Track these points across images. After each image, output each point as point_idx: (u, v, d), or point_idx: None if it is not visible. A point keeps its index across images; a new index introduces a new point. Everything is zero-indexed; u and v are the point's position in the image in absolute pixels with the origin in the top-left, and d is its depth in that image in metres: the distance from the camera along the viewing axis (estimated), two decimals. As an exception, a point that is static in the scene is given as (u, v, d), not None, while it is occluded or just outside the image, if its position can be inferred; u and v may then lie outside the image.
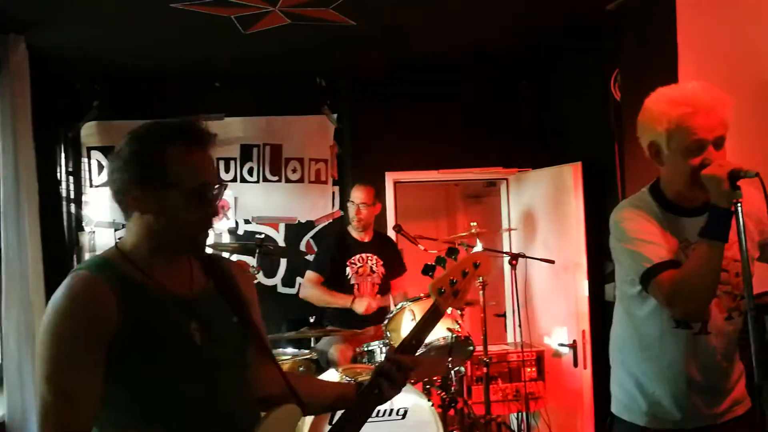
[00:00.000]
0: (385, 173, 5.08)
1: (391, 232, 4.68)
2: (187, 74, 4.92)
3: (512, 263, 4.42)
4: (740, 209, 1.72)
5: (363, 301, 4.11)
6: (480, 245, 4.16)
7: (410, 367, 1.65)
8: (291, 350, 3.97)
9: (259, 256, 4.03)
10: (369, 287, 4.29)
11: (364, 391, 1.64)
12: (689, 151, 1.84)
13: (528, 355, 4.55)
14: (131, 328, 1.39)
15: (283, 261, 5.04)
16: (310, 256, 4.87)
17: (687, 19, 3.12)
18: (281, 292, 5.02)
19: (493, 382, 4.40)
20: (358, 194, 4.32)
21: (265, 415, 1.54)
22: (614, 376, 2.11)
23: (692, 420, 1.95)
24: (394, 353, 1.68)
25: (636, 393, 2.00)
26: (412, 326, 3.57)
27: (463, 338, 3.60)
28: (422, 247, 4.23)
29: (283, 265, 5.04)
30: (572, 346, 4.45)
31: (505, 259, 4.75)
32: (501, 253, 4.69)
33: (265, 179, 5.06)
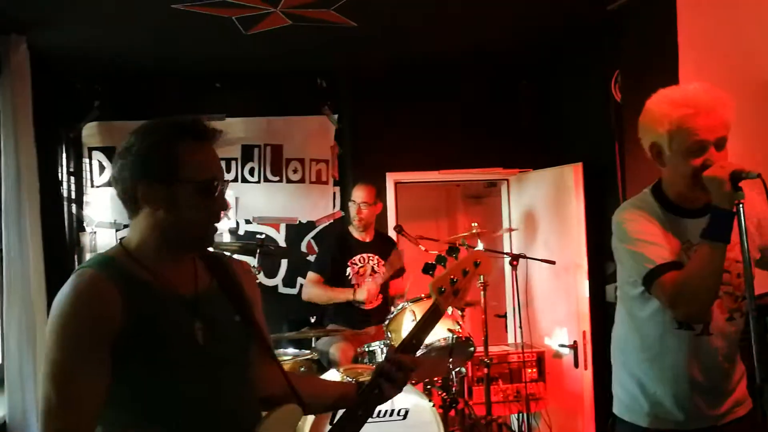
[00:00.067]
0: (386, 174, 5.08)
1: (392, 233, 4.67)
2: (189, 75, 4.92)
3: (513, 264, 4.43)
4: (742, 210, 1.72)
5: (363, 290, 4.11)
6: (481, 246, 4.16)
7: (411, 366, 1.64)
8: (292, 350, 3.98)
9: (260, 257, 4.04)
10: (369, 279, 4.28)
11: (365, 391, 1.64)
12: (691, 152, 1.84)
13: (529, 356, 4.55)
14: (135, 327, 1.38)
15: (284, 261, 5.04)
16: (311, 257, 4.88)
17: (687, 19, 3.12)
18: (282, 292, 5.02)
19: (494, 383, 4.40)
20: (359, 193, 4.32)
21: (266, 414, 1.54)
22: (616, 376, 2.11)
23: (694, 421, 1.95)
24: (394, 353, 1.67)
25: (638, 394, 2.00)
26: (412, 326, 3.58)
27: (464, 339, 3.60)
28: (423, 248, 4.23)
29: (284, 265, 5.04)
30: (573, 346, 4.45)
31: (506, 260, 4.75)
32: (502, 254, 4.69)
33: (266, 179, 5.06)
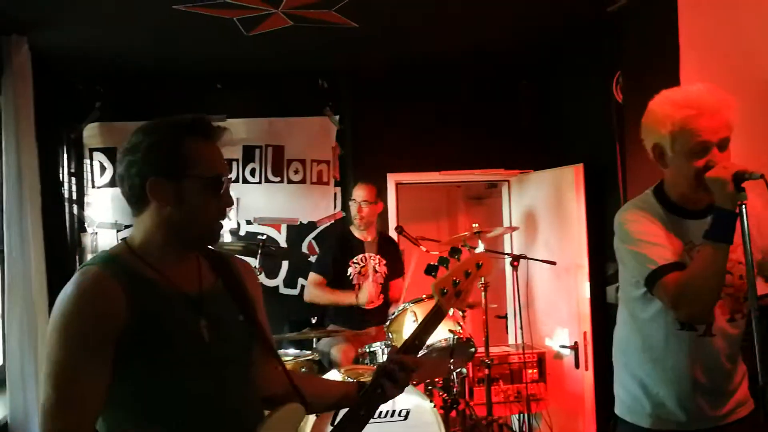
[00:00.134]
0: (387, 174, 5.08)
1: (393, 234, 4.67)
2: (190, 76, 4.92)
3: (514, 265, 4.43)
4: (745, 211, 1.72)
5: (365, 291, 4.11)
6: (482, 246, 4.16)
7: (413, 367, 1.65)
8: (293, 351, 3.98)
9: (261, 257, 4.04)
10: (371, 287, 4.28)
11: (367, 391, 1.64)
12: (693, 153, 1.84)
13: (529, 357, 4.55)
14: (140, 325, 1.38)
15: (285, 262, 5.04)
16: (312, 257, 4.88)
17: (688, 20, 3.11)
18: (283, 293, 5.02)
19: (495, 384, 4.41)
20: (359, 192, 4.32)
21: (269, 414, 1.54)
22: (618, 377, 2.11)
23: (696, 422, 1.96)
24: (397, 353, 1.68)
25: (640, 395, 2.00)
26: (414, 327, 3.58)
27: (465, 340, 3.60)
28: (424, 249, 4.23)
29: (285, 266, 5.05)
30: (574, 347, 4.45)
31: (507, 261, 4.75)
32: (503, 255, 4.69)
33: (267, 180, 5.06)
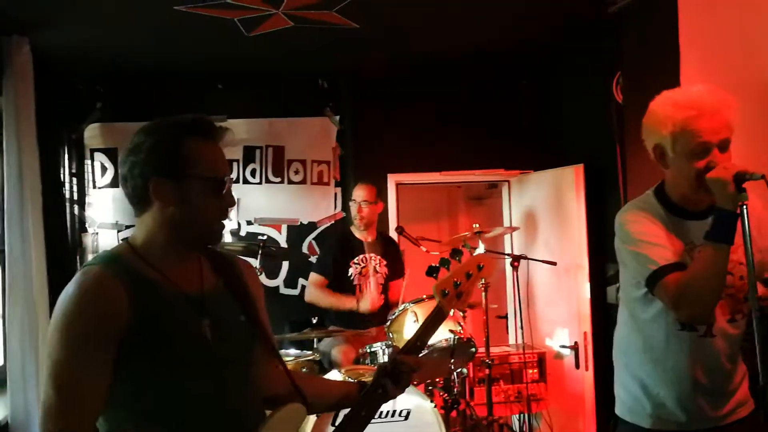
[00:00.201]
0: (388, 175, 5.08)
1: (393, 234, 4.68)
2: (190, 76, 4.92)
3: (514, 265, 4.43)
4: (746, 212, 1.72)
5: (367, 299, 4.11)
6: (482, 247, 4.16)
7: (414, 367, 1.65)
8: (294, 351, 3.97)
9: (261, 258, 4.03)
10: (372, 287, 4.28)
11: (368, 391, 1.65)
12: (694, 154, 1.84)
13: (530, 357, 4.55)
14: (142, 325, 1.38)
15: (286, 262, 5.04)
16: (312, 258, 4.88)
17: (689, 20, 3.11)
18: (283, 293, 5.03)
19: (495, 384, 4.41)
20: (359, 192, 4.32)
21: (270, 414, 1.54)
22: (618, 378, 2.11)
23: (696, 422, 1.96)
24: (398, 354, 1.69)
25: (640, 395, 2.01)
26: (415, 327, 3.58)
27: (466, 340, 3.60)
28: (424, 249, 4.23)
29: (286, 266, 5.05)
30: (574, 347, 4.46)
31: (507, 261, 4.75)
32: (503, 255, 4.69)
33: (268, 181, 5.07)
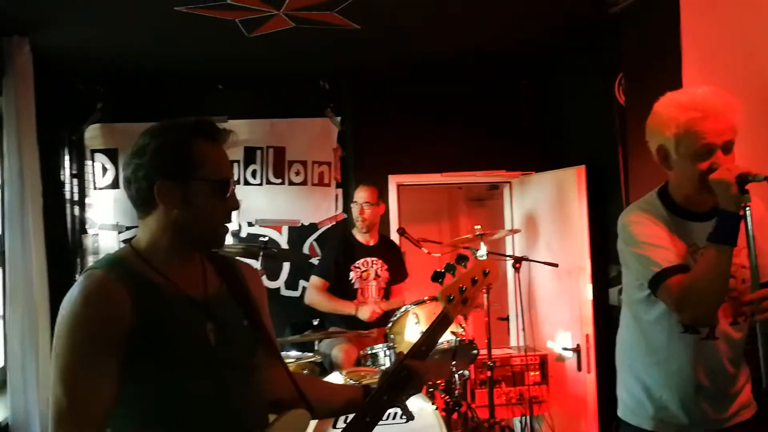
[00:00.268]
0: (389, 176, 5.08)
1: (394, 235, 4.67)
2: (191, 77, 4.91)
3: (516, 267, 4.42)
4: (749, 213, 1.71)
5: (367, 309, 4.09)
6: (484, 248, 4.15)
7: (420, 373, 1.65)
8: (295, 353, 3.96)
9: (262, 259, 4.02)
10: (373, 291, 4.28)
11: (373, 397, 1.64)
12: (697, 156, 1.84)
13: (531, 359, 4.54)
14: (146, 328, 1.38)
15: (287, 264, 5.04)
16: (313, 259, 4.87)
17: (691, 21, 3.10)
18: (284, 294, 5.02)
19: (497, 386, 4.39)
20: (361, 194, 4.32)
21: (275, 419, 1.54)
22: (621, 380, 2.11)
23: (699, 424, 1.96)
24: (404, 359, 1.68)
25: (643, 397, 2.00)
26: (416, 329, 3.57)
27: (467, 342, 3.60)
28: (426, 251, 4.23)
29: (287, 267, 5.04)
30: (576, 350, 4.45)
31: (509, 263, 4.74)
32: (504, 257, 4.68)
33: (269, 182, 5.06)
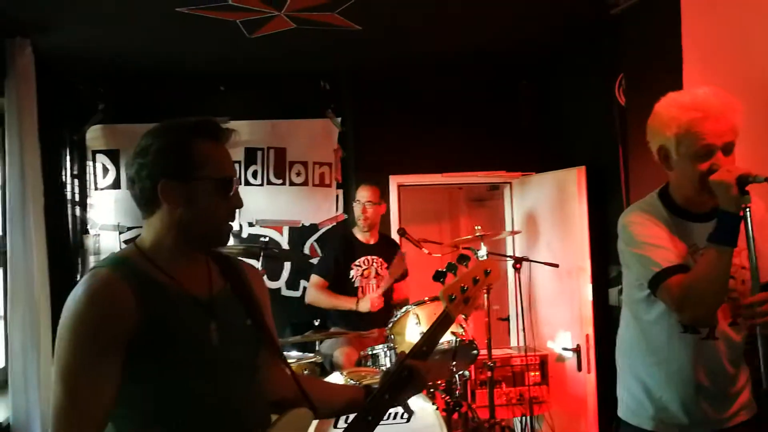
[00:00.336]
0: (389, 177, 5.09)
1: (395, 236, 4.67)
2: (193, 77, 4.92)
3: (516, 267, 4.42)
4: (749, 214, 1.72)
5: (366, 300, 4.12)
6: (484, 249, 4.16)
7: (422, 373, 1.65)
8: (296, 353, 3.97)
9: (263, 259, 4.02)
10: (373, 290, 4.29)
11: (375, 397, 1.64)
12: (698, 156, 1.84)
13: (532, 359, 4.54)
14: (149, 327, 1.38)
15: (287, 264, 5.04)
16: (314, 260, 4.87)
17: (691, 22, 3.10)
18: (285, 295, 5.02)
19: (497, 386, 4.40)
20: (363, 193, 4.33)
21: (277, 418, 1.54)
22: (621, 380, 2.11)
23: (699, 425, 1.96)
24: (405, 359, 1.68)
25: (643, 397, 2.01)
26: (417, 330, 3.58)
27: (468, 342, 3.60)
28: (426, 251, 4.23)
29: (287, 268, 5.05)
30: (576, 350, 4.45)
31: (509, 263, 4.74)
32: (505, 257, 4.69)
33: (269, 182, 5.07)
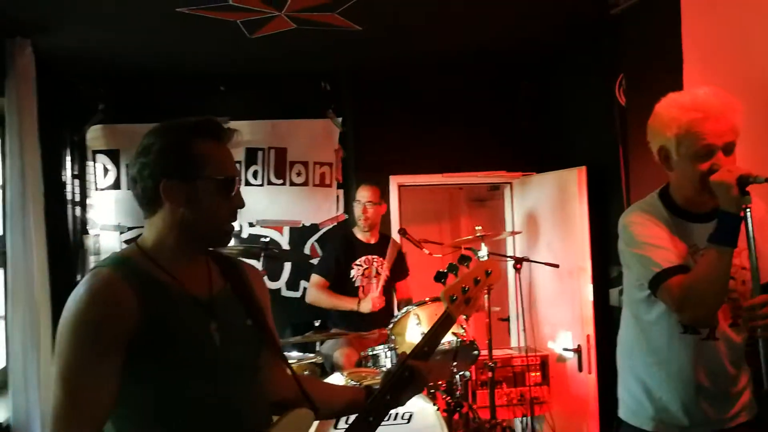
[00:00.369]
0: (390, 177, 5.09)
1: (395, 236, 4.67)
2: (193, 78, 4.92)
3: (516, 267, 4.42)
4: (749, 215, 1.72)
5: (368, 301, 4.12)
6: (485, 249, 4.16)
7: (423, 373, 1.65)
8: (296, 354, 3.97)
9: (263, 260, 4.02)
10: (374, 289, 4.29)
11: (376, 397, 1.64)
12: (698, 157, 1.84)
13: (532, 360, 4.54)
14: (150, 327, 1.38)
15: (288, 264, 5.04)
16: (314, 260, 4.87)
17: (692, 22, 3.10)
18: (285, 295, 5.02)
19: (498, 387, 4.39)
20: (364, 193, 4.33)
21: (278, 419, 1.54)
22: (622, 380, 2.11)
23: (699, 425, 1.96)
24: (406, 359, 1.68)
25: (643, 398, 2.01)
26: (417, 330, 3.58)
27: (468, 343, 3.60)
28: (427, 251, 4.23)
29: (288, 268, 5.05)
30: (577, 350, 4.45)
31: (510, 263, 4.74)
32: (505, 257, 4.68)
33: (270, 182, 5.07)
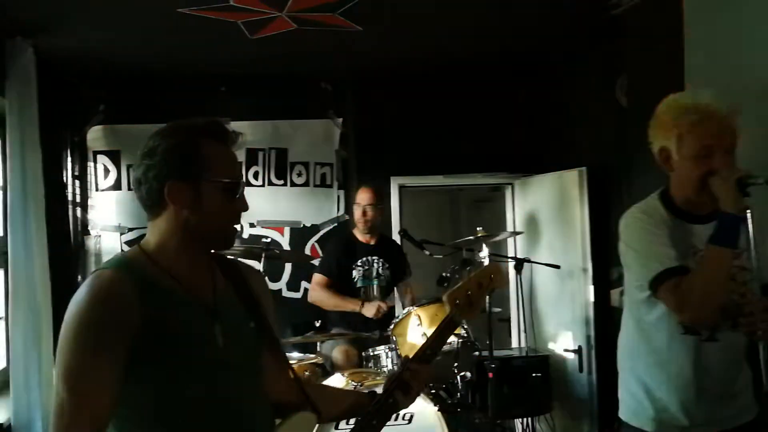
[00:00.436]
0: (391, 178, 5.09)
1: (396, 237, 4.68)
2: (193, 78, 4.92)
3: (517, 268, 4.42)
4: (749, 216, 1.72)
5: (372, 306, 4.10)
6: (486, 250, 4.16)
7: (426, 376, 1.66)
8: (297, 354, 3.97)
9: (264, 260, 4.02)
10: (375, 290, 4.29)
11: (379, 400, 1.64)
12: (698, 158, 1.85)
13: (533, 360, 4.54)
14: (153, 328, 1.38)
15: (288, 265, 5.05)
16: (315, 261, 4.88)
17: (693, 23, 3.11)
18: (286, 296, 5.03)
19: (499, 387, 4.38)
20: (363, 196, 4.33)
21: (280, 422, 1.54)
22: (622, 381, 2.11)
23: (700, 426, 1.96)
24: (409, 362, 1.68)
25: (644, 399, 2.01)
26: (418, 331, 3.57)
27: (469, 343, 3.60)
28: (428, 252, 4.23)
29: (288, 269, 5.05)
30: (577, 351, 4.45)
31: (511, 264, 4.74)
32: (506, 258, 4.68)
33: (271, 183, 5.07)
